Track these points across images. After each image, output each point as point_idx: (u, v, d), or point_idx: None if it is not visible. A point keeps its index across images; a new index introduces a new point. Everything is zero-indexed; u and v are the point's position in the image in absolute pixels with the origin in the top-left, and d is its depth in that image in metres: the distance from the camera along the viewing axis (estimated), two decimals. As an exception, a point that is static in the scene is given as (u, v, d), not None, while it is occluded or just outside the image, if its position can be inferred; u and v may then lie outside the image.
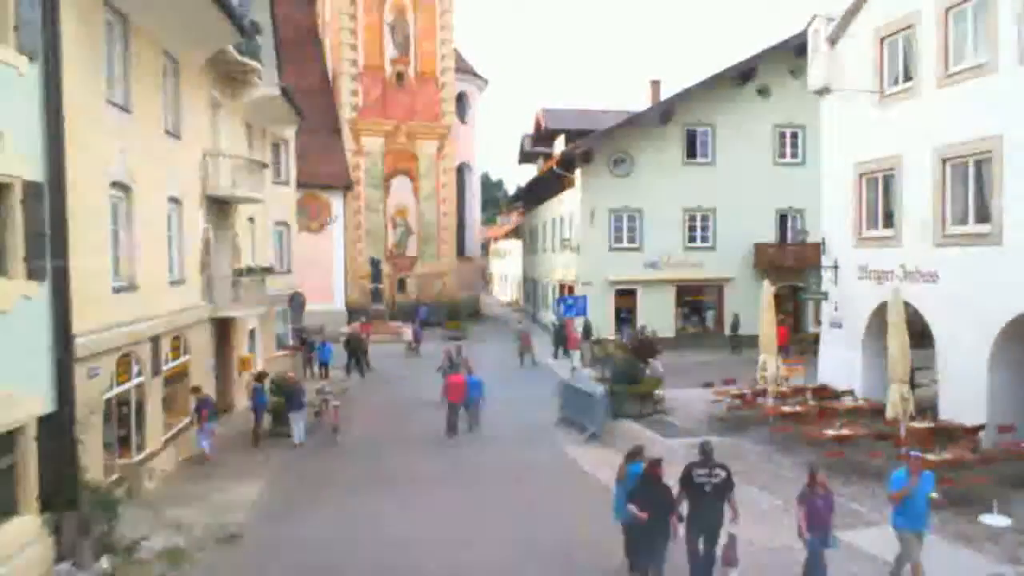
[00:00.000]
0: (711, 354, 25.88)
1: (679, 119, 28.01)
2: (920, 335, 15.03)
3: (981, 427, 12.65)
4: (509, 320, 40.22)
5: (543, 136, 38.34)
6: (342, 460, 14.49)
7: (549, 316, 33.54)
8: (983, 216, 13.29)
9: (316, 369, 23.89)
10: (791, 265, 26.89)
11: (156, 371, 12.96)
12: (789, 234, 28.69)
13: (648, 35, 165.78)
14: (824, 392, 16.42)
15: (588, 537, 10.14)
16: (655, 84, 35.66)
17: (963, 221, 13.74)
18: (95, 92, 10.70)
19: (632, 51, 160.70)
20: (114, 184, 11.38)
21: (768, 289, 16.75)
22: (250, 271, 18.55)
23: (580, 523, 10.71)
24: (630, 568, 8.72)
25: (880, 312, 14.87)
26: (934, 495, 8.60)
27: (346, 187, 35.77)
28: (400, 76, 37.49)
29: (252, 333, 20.40)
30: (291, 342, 24.35)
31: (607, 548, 9.71)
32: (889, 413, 12.31)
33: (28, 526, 8.62)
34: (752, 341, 25.34)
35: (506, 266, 60.00)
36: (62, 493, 9.03)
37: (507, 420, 17.60)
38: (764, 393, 16.28)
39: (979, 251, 13.20)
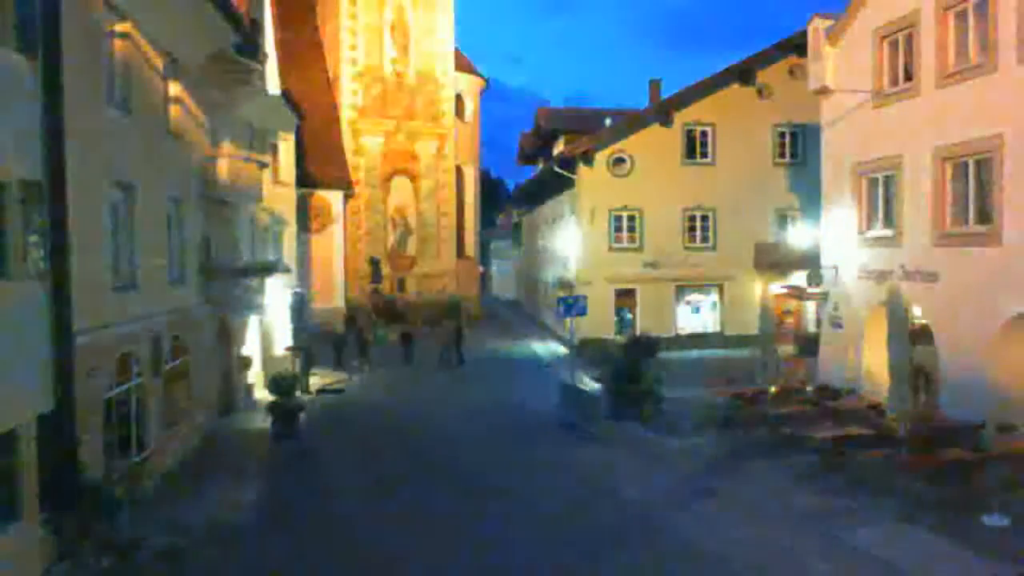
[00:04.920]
0: (710, 354, 25.88)
1: (679, 119, 28.00)
2: (920, 335, 15.04)
3: (981, 427, 12.64)
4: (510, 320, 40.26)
5: (543, 136, 38.27)
6: (341, 460, 14.50)
7: (549, 316, 33.52)
8: (983, 216, 13.29)
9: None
10: (791, 265, 26.86)
11: (156, 371, 12.96)
12: (789, 234, 28.67)
13: (648, 35, 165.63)
14: (824, 392, 16.41)
15: (587, 546, 10.15)
16: (655, 84, 35.62)
17: (963, 221, 13.75)
18: (95, 92, 10.69)
19: (632, 51, 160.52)
20: (114, 184, 11.38)
21: (767, 289, 16.74)
22: (250, 271, 18.55)
23: (579, 526, 10.71)
24: None
25: (880, 312, 14.87)
26: None
27: (346, 187, 35.74)
28: (400, 76, 37.45)
29: (252, 333, 20.38)
30: (291, 342, 24.29)
31: (605, 554, 9.73)
32: (889, 413, 12.30)
33: (28, 526, 8.62)
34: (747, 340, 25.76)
35: (505, 266, 59.92)
36: (62, 493, 9.03)
37: (506, 420, 17.62)
38: (764, 393, 16.28)
39: (979, 251, 13.21)
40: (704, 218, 28.44)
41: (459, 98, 40.44)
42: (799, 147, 28.40)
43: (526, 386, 21.33)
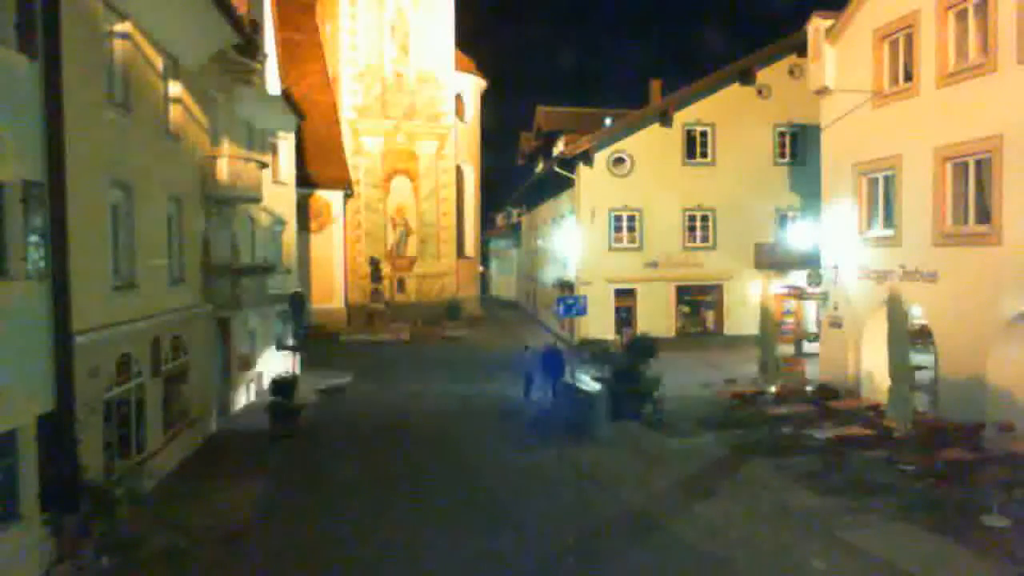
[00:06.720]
0: (711, 354, 25.87)
1: (679, 119, 28.02)
2: (920, 335, 15.04)
3: (981, 427, 12.64)
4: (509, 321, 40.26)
5: (543, 136, 38.29)
6: (341, 459, 14.50)
7: (549, 316, 33.53)
8: (983, 216, 13.30)
9: None
10: (791, 265, 26.86)
11: (156, 371, 12.96)
12: (789, 234, 28.67)
13: (647, 35, 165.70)
14: (824, 392, 16.42)
15: (588, 546, 10.14)
16: (655, 84, 35.62)
17: (963, 221, 13.75)
18: (95, 92, 10.68)
19: (631, 51, 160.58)
20: (114, 184, 11.38)
21: (767, 289, 16.76)
22: (250, 271, 18.54)
23: (579, 527, 10.70)
24: None
25: (880, 312, 14.87)
26: None
27: (346, 187, 35.79)
28: (400, 76, 37.46)
29: (252, 333, 20.39)
30: (291, 342, 24.25)
31: (605, 553, 9.73)
32: (889, 413, 12.30)
33: (28, 526, 8.62)
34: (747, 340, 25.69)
35: (506, 266, 59.94)
36: (62, 493, 9.03)
37: (506, 420, 17.62)
38: (764, 393, 16.29)
39: (979, 251, 13.21)
40: (704, 218, 28.45)
41: (459, 98, 40.44)
42: (799, 147, 28.40)
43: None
